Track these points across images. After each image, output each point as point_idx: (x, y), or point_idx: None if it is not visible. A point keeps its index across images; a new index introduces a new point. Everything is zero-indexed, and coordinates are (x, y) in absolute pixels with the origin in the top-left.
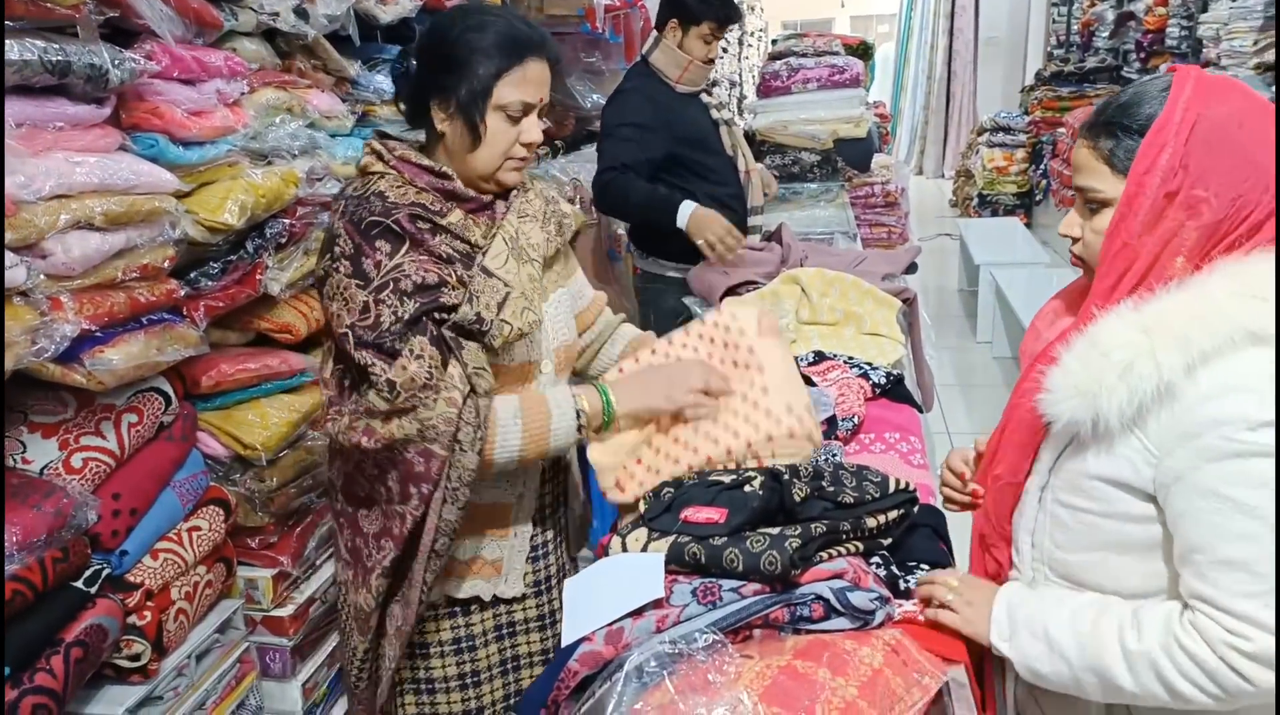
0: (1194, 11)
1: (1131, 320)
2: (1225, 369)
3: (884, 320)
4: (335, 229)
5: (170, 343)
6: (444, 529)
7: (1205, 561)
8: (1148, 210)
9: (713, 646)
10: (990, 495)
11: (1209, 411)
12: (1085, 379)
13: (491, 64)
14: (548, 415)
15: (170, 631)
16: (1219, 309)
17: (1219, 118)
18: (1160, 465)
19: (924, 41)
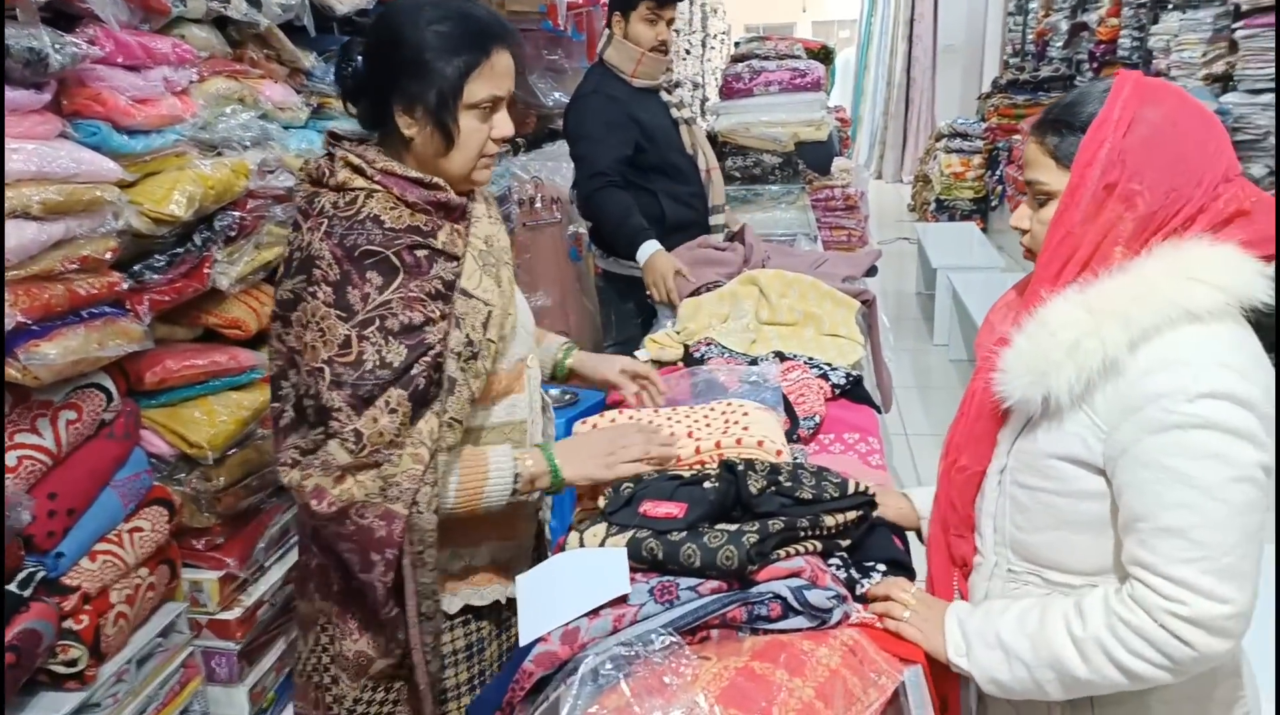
0: (1145, 23)
1: (1077, 301)
2: (1163, 345)
3: (843, 321)
4: (316, 250)
5: (112, 337)
6: (424, 592)
7: (1147, 529)
8: (1088, 201)
9: (669, 648)
10: (954, 486)
11: (1149, 385)
12: (1035, 358)
13: (458, 61)
14: (484, 476)
15: (109, 636)
16: (1157, 289)
17: (1154, 117)
18: (1108, 439)
19: (884, 47)
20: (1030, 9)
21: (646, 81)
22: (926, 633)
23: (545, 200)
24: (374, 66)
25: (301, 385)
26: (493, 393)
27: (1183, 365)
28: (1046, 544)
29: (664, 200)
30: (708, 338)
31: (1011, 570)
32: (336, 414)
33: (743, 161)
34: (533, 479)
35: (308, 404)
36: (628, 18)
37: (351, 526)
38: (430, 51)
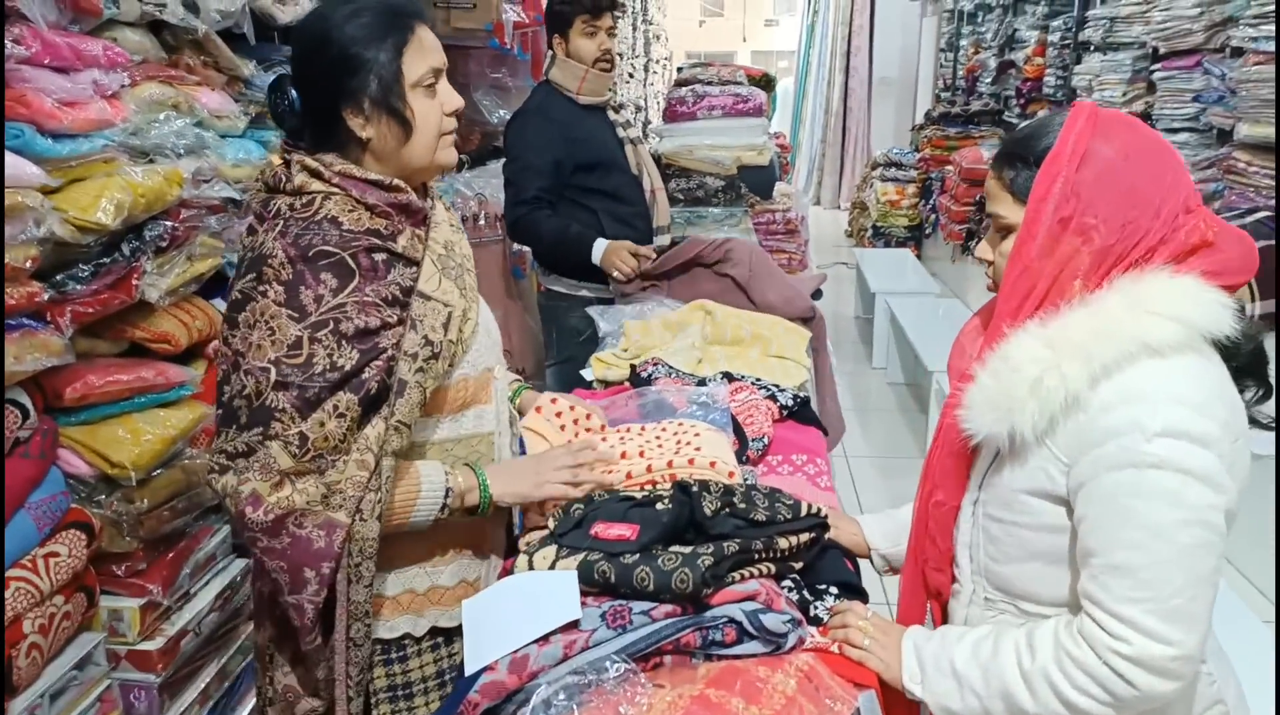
0: (1069, 63)
1: (1038, 336)
2: (1123, 380)
3: (791, 346)
4: (268, 248)
5: (30, 351)
6: (356, 613)
7: (1099, 565)
8: (1045, 235)
9: (624, 676)
10: (933, 520)
11: (1108, 421)
12: (998, 394)
13: (386, 45)
14: (416, 490)
15: (21, 669)
16: (1117, 323)
17: (1107, 151)
18: (1070, 472)
19: (821, 78)
20: (961, 46)
21: (592, 98)
22: (887, 661)
23: (489, 218)
24: (309, 81)
25: (238, 383)
26: (460, 402)
27: (1141, 401)
28: (1019, 575)
29: (605, 220)
30: (655, 357)
31: (988, 599)
32: (279, 415)
33: (686, 183)
34: (462, 495)
35: (239, 404)
36: (567, 37)
37: (287, 539)
38: (357, 44)
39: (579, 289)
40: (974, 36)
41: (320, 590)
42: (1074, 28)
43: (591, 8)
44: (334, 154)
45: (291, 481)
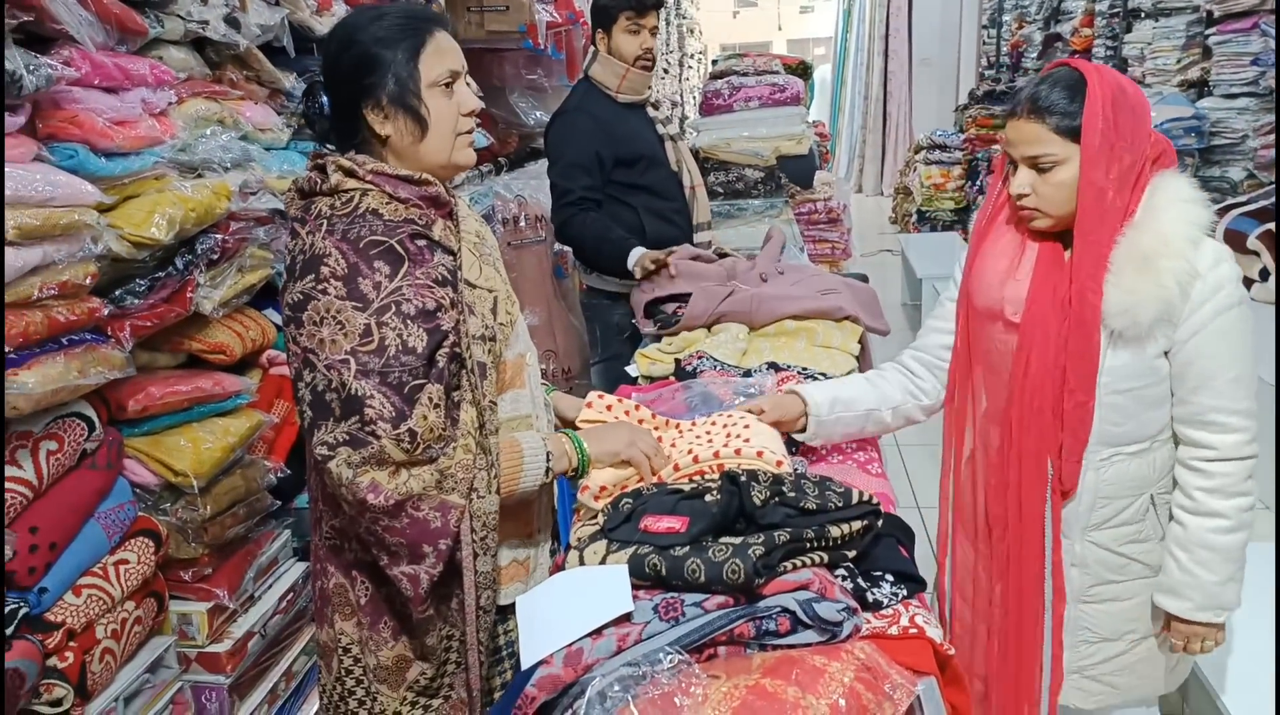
0: (1119, 32)
1: (1145, 238)
2: (1207, 252)
3: (841, 339)
4: (320, 248)
5: (93, 365)
6: (483, 583)
7: (1221, 382)
8: (1102, 162)
9: (678, 667)
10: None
11: (1213, 279)
12: (1152, 288)
13: (405, 46)
14: (520, 459)
15: (95, 673)
16: (1183, 215)
17: (1117, 90)
18: (1180, 327)
19: (860, 63)
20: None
21: (632, 96)
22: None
23: (529, 219)
24: (335, 82)
25: (321, 381)
26: (500, 386)
27: (1221, 262)
28: (1134, 426)
29: (645, 217)
30: (699, 351)
31: (1103, 458)
32: (369, 402)
33: (725, 177)
34: (561, 457)
35: (330, 398)
36: (610, 32)
37: (406, 520)
38: (377, 44)
39: (622, 286)
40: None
41: (437, 564)
42: None
43: (636, 5)
44: (364, 154)
45: (408, 469)
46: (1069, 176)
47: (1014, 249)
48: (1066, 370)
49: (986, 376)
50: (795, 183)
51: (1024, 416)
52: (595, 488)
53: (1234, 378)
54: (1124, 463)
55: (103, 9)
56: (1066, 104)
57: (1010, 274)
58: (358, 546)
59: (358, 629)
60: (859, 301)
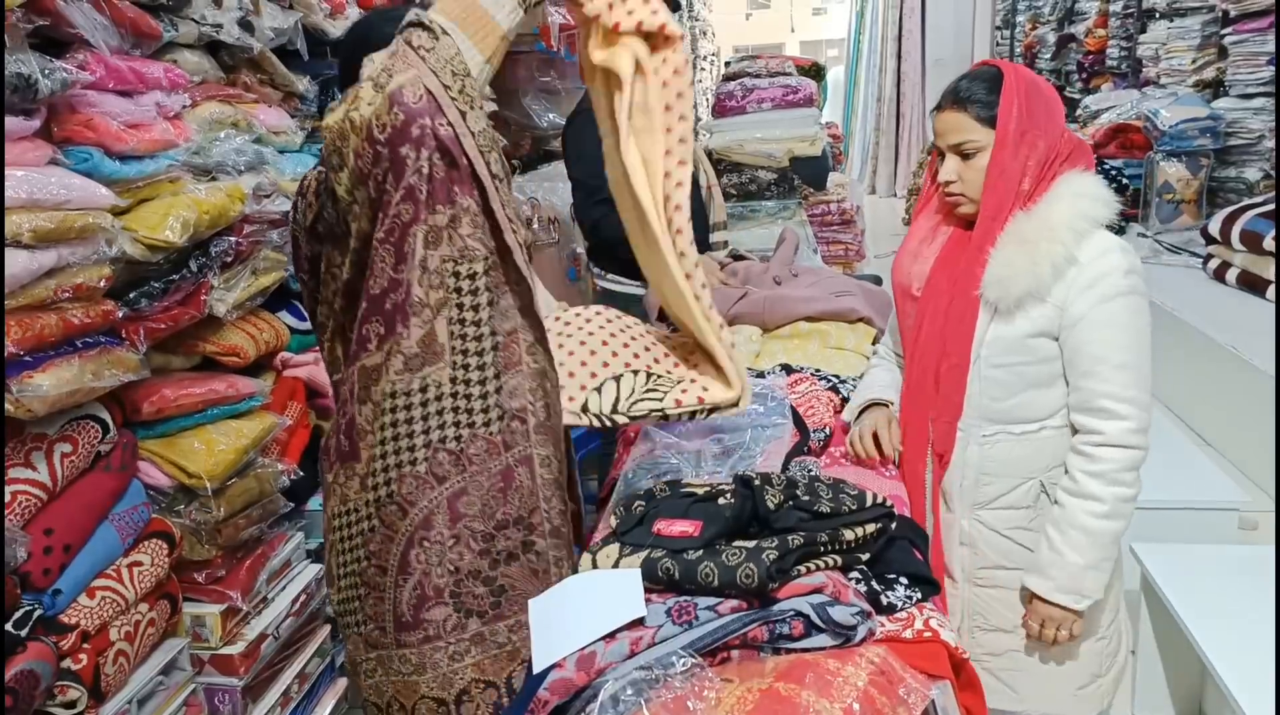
0: (1133, 33)
1: (1032, 222)
2: (1094, 242)
3: (854, 342)
4: None
5: (107, 367)
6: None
7: (1105, 368)
8: (1011, 144)
9: (691, 671)
10: (945, 382)
11: (1095, 269)
12: (1025, 263)
13: None
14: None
15: (109, 675)
16: (1079, 208)
17: (1031, 83)
18: (1065, 313)
19: (873, 64)
20: (1017, 22)
21: None
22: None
23: (542, 221)
24: (349, 78)
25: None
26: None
27: (1111, 253)
28: (1015, 406)
29: None
30: None
31: (984, 434)
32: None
33: (738, 178)
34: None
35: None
36: None
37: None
38: (385, 44)
39: (636, 288)
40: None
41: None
42: None
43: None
44: None
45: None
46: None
47: (929, 231)
48: (947, 335)
49: (905, 348)
50: (808, 184)
51: (910, 381)
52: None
53: (1120, 365)
54: (1010, 443)
55: (117, 13)
56: (985, 94)
57: (919, 253)
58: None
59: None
60: (872, 304)
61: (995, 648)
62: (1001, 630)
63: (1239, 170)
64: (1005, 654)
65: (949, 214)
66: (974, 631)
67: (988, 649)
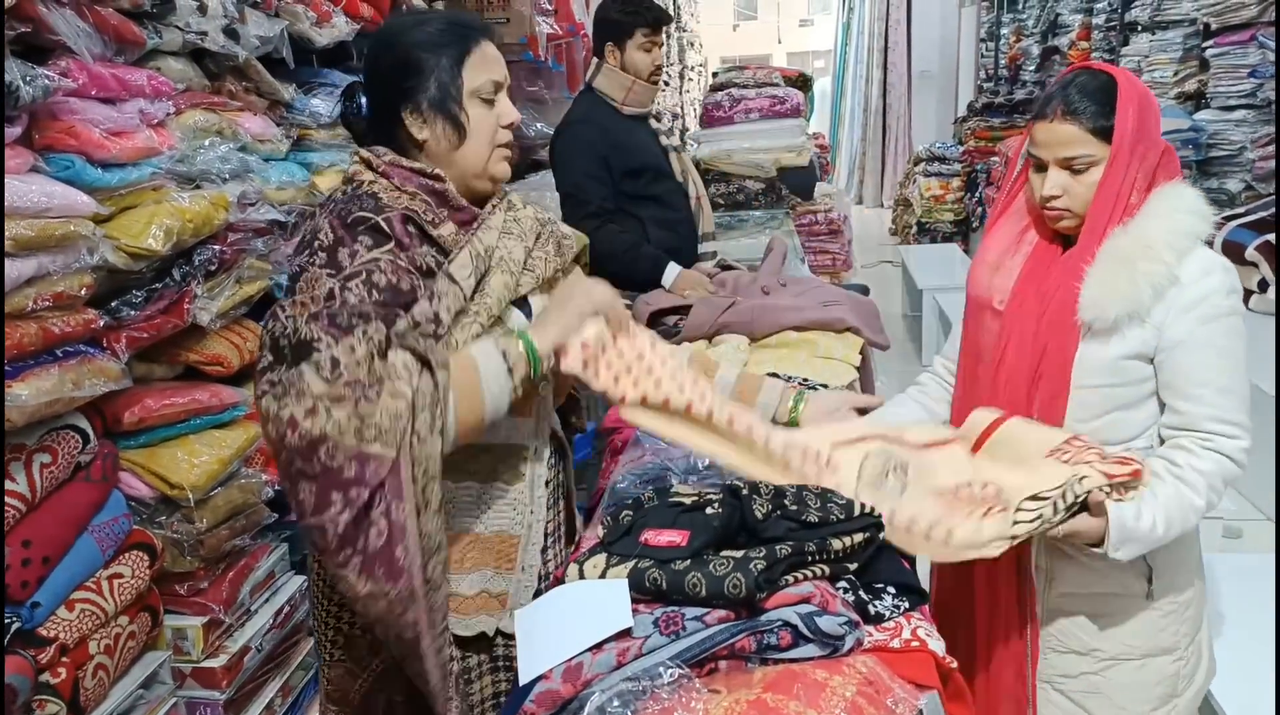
0: (1115, 45)
1: (1131, 239)
2: (1197, 261)
3: (842, 351)
4: (317, 225)
5: (88, 377)
6: (429, 546)
7: (1208, 392)
8: (1125, 160)
9: (678, 682)
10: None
11: (1198, 290)
12: (1122, 285)
13: (450, 52)
14: (474, 368)
15: (88, 689)
16: (1179, 223)
17: (1144, 92)
18: (1162, 336)
19: (859, 75)
20: (1002, 35)
21: (637, 109)
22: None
23: None
24: (376, 83)
25: (278, 328)
26: None
27: (1213, 273)
28: (1102, 426)
29: (651, 227)
30: None
31: None
32: (316, 343)
33: (726, 188)
34: (520, 356)
35: (283, 343)
36: (623, 47)
37: (318, 466)
38: (422, 49)
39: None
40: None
41: (343, 511)
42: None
43: (653, 22)
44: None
45: (326, 410)
46: (1100, 176)
47: (1010, 242)
48: (1042, 357)
49: (979, 366)
50: (796, 194)
51: (996, 400)
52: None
53: (1223, 388)
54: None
55: (100, 20)
56: (1100, 106)
57: (1000, 264)
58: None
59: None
60: (860, 314)
61: (1070, 670)
62: (1076, 653)
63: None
64: (1080, 676)
65: (1035, 223)
66: (1047, 654)
67: (1061, 671)
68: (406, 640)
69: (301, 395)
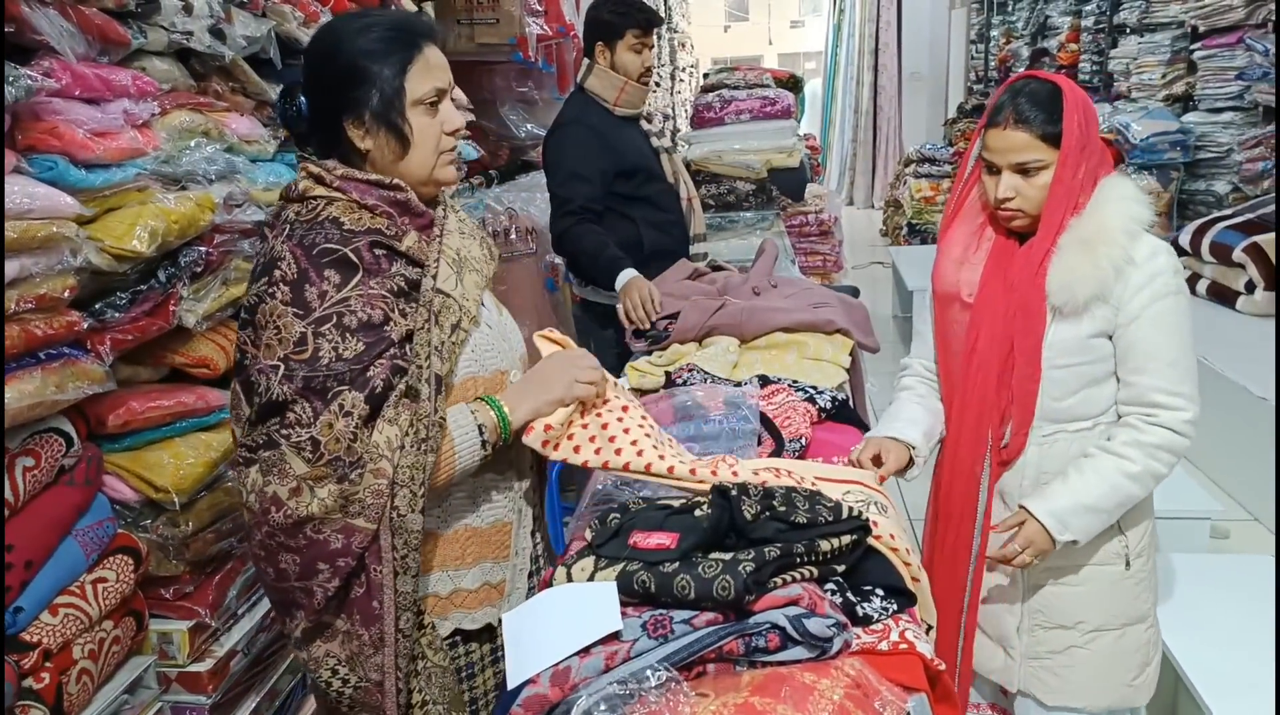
0: (1105, 48)
1: (1088, 228)
2: (1145, 244)
3: (831, 353)
4: (277, 252)
5: (72, 379)
6: (404, 604)
7: (1157, 365)
8: (1073, 162)
9: (666, 685)
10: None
11: (1149, 269)
12: (1088, 267)
13: (392, 61)
14: (450, 440)
15: (72, 695)
16: (1128, 211)
17: (1085, 98)
18: (1120, 312)
19: (850, 77)
20: (992, 37)
21: (628, 110)
22: (1039, 548)
23: (520, 231)
24: (315, 91)
25: (255, 382)
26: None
27: (1160, 253)
28: (1074, 403)
29: (644, 228)
30: (690, 364)
31: (1044, 434)
32: (292, 406)
33: (716, 189)
34: (494, 427)
35: (255, 401)
36: (613, 48)
37: (304, 540)
38: (364, 57)
39: (614, 298)
40: (1005, 26)
41: (332, 579)
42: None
43: (644, 24)
44: (336, 160)
45: (310, 488)
46: (1049, 178)
47: (970, 238)
48: (1014, 344)
49: (951, 359)
50: (786, 195)
51: (966, 386)
52: (540, 428)
53: (1171, 361)
54: (1066, 441)
55: (84, 20)
56: (1046, 111)
57: (965, 259)
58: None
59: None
60: (850, 316)
61: (1056, 645)
62: (1063, 626)
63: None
64: (1066, 650)
65: (989, 221)
66: (1035, 630)
67: (1048, 646)
68: (370, 682)
69: (284, 476)
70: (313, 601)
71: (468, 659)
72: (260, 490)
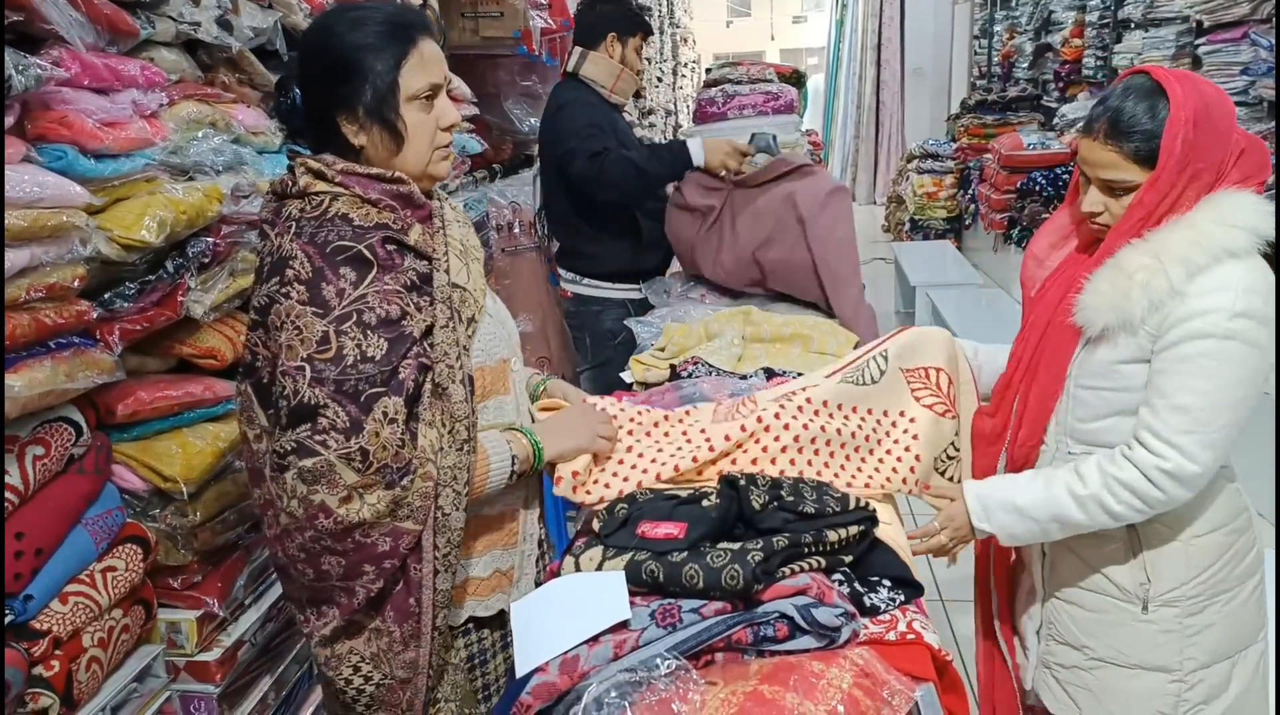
0: (1109, 42)
1: (1144, 248)
2: (1213, 276)
3: (835, 347)
4: (287, 251)
5: (81, 369)
6: (441, 601)
7: (1163, 405)
8: (1165, 184)
9: (675, 673)
10: (1035, 397)
11: (1200, 304)
12: (1116, 296)
13: (387, 56)
14: (486, 464)
15: (81, 682)
16: (1208, 236)
17: (1202, 109)
18: (1158, 342)
19: (853, 73)
20: (995, 32)
21: (620, 98)
22: (957, 526)
23: (524, 225)
24: (309, 85)
25: (276, 387)
26: (480, 392)
27: (1226, 290)
28: (1100, 428)
29: (641, 218)
30: (694, 357)
31: (1070, 452)
32: (323, 411)
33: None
34: (526, 459)
35: (282, 405)
36: (624, 42)
37: (351, 544)
38: (358, 52)
39: (612, 290)
40: (1008, 21)
41: (377, 580)
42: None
43: (648, 32)
44: (334, 154)
45: (360, 495)
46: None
47: (1059, 237)
48: (1042, 353)
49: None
50: None
51: (1011, 380)
52: (569, 476)
53: (1181, 406)
54: None
55: (93, 9)
56: (1145, 125)
57: (1045, 258)
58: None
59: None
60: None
61: (1065, 660)
62: (1070, 646)
63: None
64: (1072, 669)
65: (1079, 225)
66: (1049, 640)
67: (1058, 659)
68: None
69: (334, 486)
70: (353, 601)
71: (480, 645)
72: (305, 497)
